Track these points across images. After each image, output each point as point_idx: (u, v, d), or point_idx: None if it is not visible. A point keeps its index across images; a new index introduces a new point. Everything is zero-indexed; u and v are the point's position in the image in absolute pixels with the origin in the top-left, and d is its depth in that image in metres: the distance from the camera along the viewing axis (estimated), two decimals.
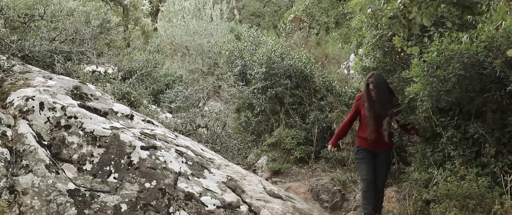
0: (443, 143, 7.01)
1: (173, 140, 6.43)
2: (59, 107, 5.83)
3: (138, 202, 5.44)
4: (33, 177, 5.27)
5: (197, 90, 13.44)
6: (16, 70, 6.77)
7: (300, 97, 11.27)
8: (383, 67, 8.20)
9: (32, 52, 8.73)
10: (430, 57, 6.62)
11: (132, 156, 5.73)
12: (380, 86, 6.88)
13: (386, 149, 7.05)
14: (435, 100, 6.93)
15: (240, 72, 12.46)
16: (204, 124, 10.81)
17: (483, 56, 6.46)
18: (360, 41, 9.42)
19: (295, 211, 6.09)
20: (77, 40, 10.25)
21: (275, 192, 6.50)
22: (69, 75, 8.37)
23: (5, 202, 5.09)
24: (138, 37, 16.81)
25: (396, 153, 8.75)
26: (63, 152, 5.60)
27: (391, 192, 8.02)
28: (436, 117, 7.11)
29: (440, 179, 6.74)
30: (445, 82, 6.65)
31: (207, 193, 5.74)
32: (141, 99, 9.77)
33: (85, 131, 5.75)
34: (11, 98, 6.02)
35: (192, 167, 6.05)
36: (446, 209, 6.53)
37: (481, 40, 6.48)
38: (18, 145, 5.44)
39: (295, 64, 11.51)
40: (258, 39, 13.09)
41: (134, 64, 11.59)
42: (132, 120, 6.47)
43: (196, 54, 17.38)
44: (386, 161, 7.08)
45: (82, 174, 5.51)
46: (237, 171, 6.67)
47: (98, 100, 6.48)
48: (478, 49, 6.45)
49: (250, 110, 12.09)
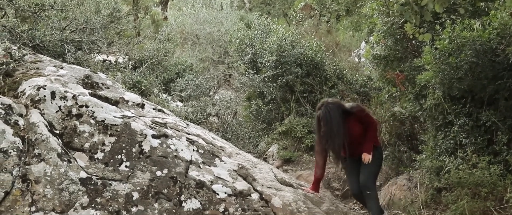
0: (455, 131, 6.98)
1: (184, 128, 6.43)
2: (71, 96, 5.84)
3: (149, 190, 5.46)
4: (45, 166, 5.28)
5: (208, 79, 13.46)
6: (27, 60, 6.78)
7: (310, 86, 11.26)
8: (394, 55, 8.17)
9: (43, 42, 8.76)
10: (442, 45, 6.59)
11: (143, 144, 5.74)
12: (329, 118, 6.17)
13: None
14: (447, 88, 6.90)
15: (250, 60, 12.45)
16: (215, 112, 10.83)
17: (496, 43, 6.42)
18: (371, 29, 9.39)
19: (306, 199, 6.08)
20: (88, 29, 10.28)
21: (286, 180, 6.49)
22: (79, 64, 8.39)
23: (18, 190, 5.12)
24: (148, 26, 16.79)
25: (407, 141, 8.73)
26: (75, 141, 5.62)
27: (402, 180, 8.01)
28: (448, 104, 7.08)
29: (452, 167, 6.72)
30: (457, 70, 6.62)
31: (218, 181, 5.74)
32: (151, 88, 9.79)
33: (97, 119, 5.76)
34: (23, 88, 6.04)
35: (203, 155, 6.05)
36: (458, 197, 6.52)
37: (494, 27, 6.44)
38: (30, 134, 5.46)
39: (305, 53, 11.51)
40: (268, 28, 13.08)
41: (145, 53, 11.61)
42: (143, 109, 6.47)
43: (206, 43, 17.38)
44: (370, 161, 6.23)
45: (94, 162, 5.52)
46: (248, 159, 6.67)
47: (109, 89, 6.48)
48: (491, 36, 6.41)
49: (261, 98, 12.10)
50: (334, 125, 6.15)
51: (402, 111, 8.75)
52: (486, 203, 6.31)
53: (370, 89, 10.90)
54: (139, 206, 5.35)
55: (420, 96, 7.78)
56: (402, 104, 8.71)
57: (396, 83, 8.26)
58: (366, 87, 11.06)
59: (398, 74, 8.09)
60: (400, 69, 8.15)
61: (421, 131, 8.40)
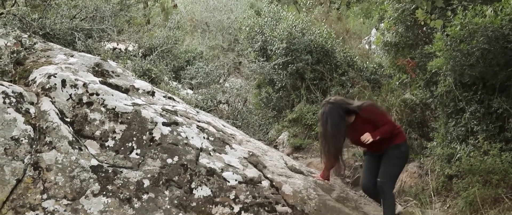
0: (466, 118, 6.96)
1: (195, 116, 6.44)
2: (81, 84, 5.85)
3: (160, 177, 5.47)
4: (56, 154, 5.31)
5: (218, 67, 13.43)
6: (38, 48, 6.80)
7: (321, 73, 11.23)
8: (405, 42, 8.14)
9: (53, 30, 8.76)
10: (454, 31, 6.55)
11: (154, 132, 5.75)
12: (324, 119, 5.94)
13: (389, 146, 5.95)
14: (458, 75, 6.87)
15: (260, 48, 12.43)
16: (225, 100, 10.83)
17: (508, 29, 6.38)
18: (381, 16, 9.34)
19: (316, 187, 6.08)
20: (97, 17, 10.27)
21: (297, 167, 6.49)
22: (90, 52, 8.39)
23: (29, 178, 5.15)
24: (158, 14, 16.77)
25: (418, 128, 8.70)
26: (86, 129, 5.63)
27: (413, 167, 8.00)
28: (459, 91, 7.05)
29: (463, 154, 6.70)
30: (468, 57, 6.58)
31: (228, 169, 5.75)
32: (162, 76, 9.79)
33: (107, 107, 5.77)
34: (34, 76, 6.05)
35: (214, 143, 6.05)
36: (469, 184, 6.51)
37: (506, 13, 6.39)
38: (41, 122, 5.48)
39: (316, 40, 11.47)
40: (278, 15, 13.03)
41: (155, 41, 11.60)
42: (154, 96, 6.48)
43: (216, 31, 17.35)
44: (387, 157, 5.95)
45: (105, 150, 5.54)
46: (258, 146, 6.67)
47: (119, 77, 6.49)
48: (503, 22, 6.37)
49: (271, 85, 12.08)
50: (330, 127, 5.87)
51: (412, 98, 8.72)
52: (498, 190, 6.30)
53: (381, 77, 10.85)
54: (150, 193, 5.38)
55: (431, 83, 7.75)
56: (412, 91, 8.68)
57: (407, 70, 8.23)
58: (376, 74, 11.01)
59: (409, 61, 8.06)
60: (411, 56, 8.11)
61: (432, 118, 8.38)
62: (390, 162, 5.90)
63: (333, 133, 5.87)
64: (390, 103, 9.06)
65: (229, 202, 5.52)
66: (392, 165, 5.92)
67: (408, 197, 7.42)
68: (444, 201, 6.94)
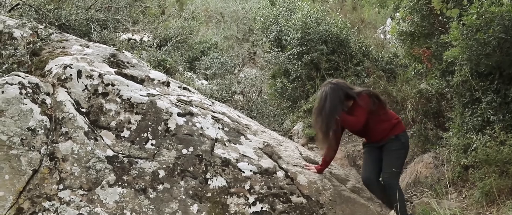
0: (483, 108, 6.90)
1: (210, 106, 6.45)
2: (97, 75, 5.87)
3: (175, 168, 5.49)
4: (72, 144, 5.34)
5: (232, 57, 13.45)
6: (53, 39, 6.83)
7: (336, 63, 11.19)
8: (421, 31, 8.08)
9: (69, 21, 8.81)
10: (470, 20, 6.48)
11: (169, 122, 5.76)
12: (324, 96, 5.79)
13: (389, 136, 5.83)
14: (475, 64, 6.80)
15: (275, 38, 12.40)
16: (240, 90, 10.83)
17: None
18: (397, 5, 9.28)
19: (331, 177, 6.08)
20: (113, 8, 10.30)
21: (312, 157, 6.49)
22: (105, 43, 8.43)
23: (45, 168, 5.19)
24: (173, 4, 16.80)
25: (433, 118, 8.65)
26: (101, 119, 5.66)
27: (428, 157, 7.96)
28: (475, 81, 6.99)
29: (479, 144, 6.65)
30: (485, 46, 6.51)
31: (243, 159, 5.76)
32: (176, 67, 9.81)
33: (122, 98, 5.79)
34: (49, 67, 6.09)
35: (229, 133, 6.06)
36: (485, 174, 6.46)
37: None
38: (57, 113, 5.51)
39: (331, 30, 11.43)
40: (293, 5, 13.00)
41: (169, 32, 11.63)
42: (169, 87, 6.49)
43: (231, 21, 17.33)
44: (388, 150, 5.83)
45: (120, 140, 5.57)
46: (273, 137, 6.67)
47: (134, 67, 6.51)
48: None
49: (286, 76, 12.06)
50: (328, 105, 5.72)
51: (428, 88, 8.66)
52: None
53: (396, 66, 10.78)
54: (165, 183, 5.40)
55: (447, 73, 7.69)
56: (428, 81, 8.62)
57: (422, 60, 8.17)
58: (392, 64, 10.94)
59: (425, 50, 8.00)
60: (426, 46, 8.05)
61: (448, 108, 8.31)
62: (392, 155, 5.79)
63: (329, 112, 5.70)
64: (405, 94, 9.00)
65: (244, 193, 5.53)
66: (394, 157, 5.80)
67: (423, 188, 7.39)
68: (460, 191, 6.90)
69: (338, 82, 5.91)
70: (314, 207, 5.61)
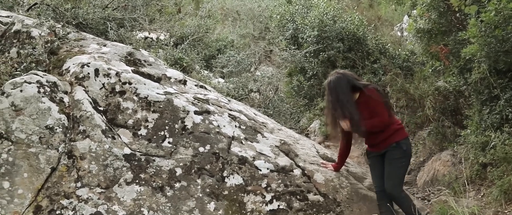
0: (501, 105, 6.84)
1: (226, 104, 6.45)
2: (114, 73, 5.90)
3: (192, 166, 5.51)
4: (90, 142, 5.37)
5: (249, 55, 13.46)
6: (71, 37, 6.87)
7: (352, 61, 11.15)
8: (438, 28, 8.02)
9: (86, 20, 8.85)
10: (488, 17, 6.43)
11: (186, 120, 5.78)
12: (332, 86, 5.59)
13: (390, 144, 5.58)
14: (493, 61, 6.75)
15: (291, 36, 12.39)
16: (256, 88, 10.83)
17: None
18: (414, 2, 9.20)
19: (348, 175, 6.06)
20: (129, 7, 10.33)
21: (329, 156, 6.47)
22: (122, 42, 8.46)
23: (64, 166, 5.23)
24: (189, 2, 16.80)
25: (451, 116, 8.59)
26: (119, 118, 5.69)
27: (446, 155, 7.91)
28: (494, 78, 6.94)
29: (498, 142, 6.60)
30: (503, 43, 6.46)
31: (260, 157, 5.76)
32: (193, 65, 9.82)
33: (140, 96, 5.81)
34: (67, 66, 6.13)
35: (245, 131, 6.06)
36: (504, 172, 6.42)
37: None
38: (75, 111, 5.55)
39: (347, 27, 11.39)
40: (309, 2, 12.96)
41: (186, 30, 11.66)
42: (185, 85, 6.50)
43: (247, 19, 17.34)
44: (390, 160, 5.59)
45: (137, 139, 5.59)
46: (290, 135, 6.66)
47: (151, 66, 6.53)
48: None
49: (302, 73, 12.04)
50: (340, 93, 5.49)
51: (446, 85, 8.60)
52: None
53: (413, 64, 10.72)
54: (182, 181, 5.41)
55: (465, 70, 7.64)
56: (446, 78, 8.56)
57: (440, 57, 8.11)
58: (409, 61, 10.87)
59: (442, 48, 7.94)
60: (444, 43, 7.99)
61: (466, 105, 8.25)
62: (393, 165, 5.56)
63: (346, 98, 5.48)
64: (423, 91, 8.95)
65: (261, 191, 5.53)
66: (397, 167, 5.57)
67: (441, 186, 7.35)
68: (478, 189, 6.86)
69: (344, 72, 5.72)
70: (331, 205, 5.60)
